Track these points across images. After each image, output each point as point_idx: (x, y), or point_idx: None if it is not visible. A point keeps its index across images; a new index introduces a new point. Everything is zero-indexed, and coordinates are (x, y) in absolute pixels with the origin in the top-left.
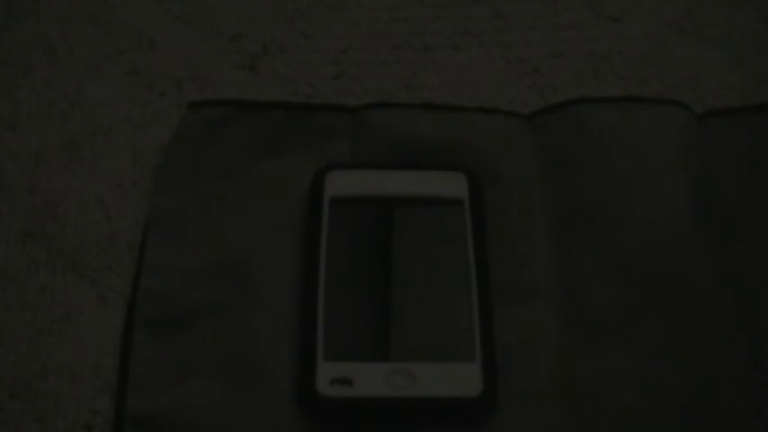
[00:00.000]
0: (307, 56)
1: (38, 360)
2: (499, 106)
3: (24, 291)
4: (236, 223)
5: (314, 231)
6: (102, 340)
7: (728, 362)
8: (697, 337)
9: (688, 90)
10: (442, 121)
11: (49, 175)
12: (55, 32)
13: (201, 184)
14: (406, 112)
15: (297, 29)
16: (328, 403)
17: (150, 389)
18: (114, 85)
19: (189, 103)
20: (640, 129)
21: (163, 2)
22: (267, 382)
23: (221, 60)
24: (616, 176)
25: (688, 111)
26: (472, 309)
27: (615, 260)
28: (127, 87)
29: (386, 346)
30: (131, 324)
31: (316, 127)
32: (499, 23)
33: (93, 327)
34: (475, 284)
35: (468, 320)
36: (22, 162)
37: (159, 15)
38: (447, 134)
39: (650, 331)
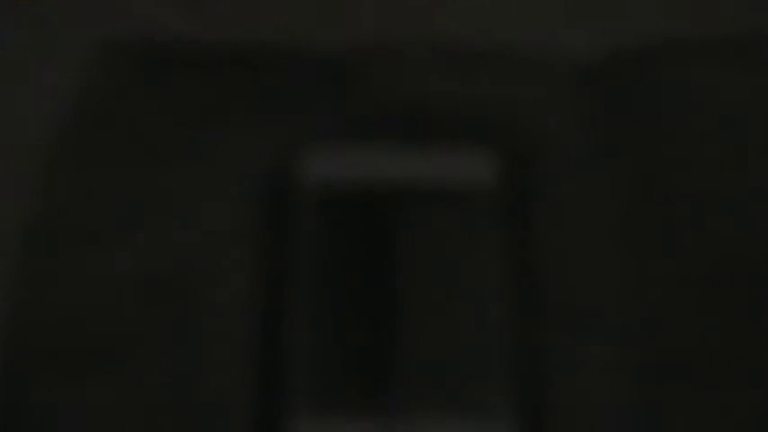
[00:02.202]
0: None
1: None
2: (546, 53)
3: None
4: (172, 223)
5: (284, 235)
6: None
7: None
8: None
9: None
10: (463, 75)
11: None
12: None
13: (116, 169)
14: (413, 64)
15: None
16: None
17: None
18: None
19: (98, 44)
20: (747, 89)
21: None
22: None
23: None
24: (711, 156)
25: None
26: (504, 345)
27: (706, 278)
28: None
29: (384, 396)
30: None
31: (285, 87)
32: None
33: None
34: (509, 311)
35: (498, 362)
36: None
37: None
38: (470, 94)
39: (748, 384)
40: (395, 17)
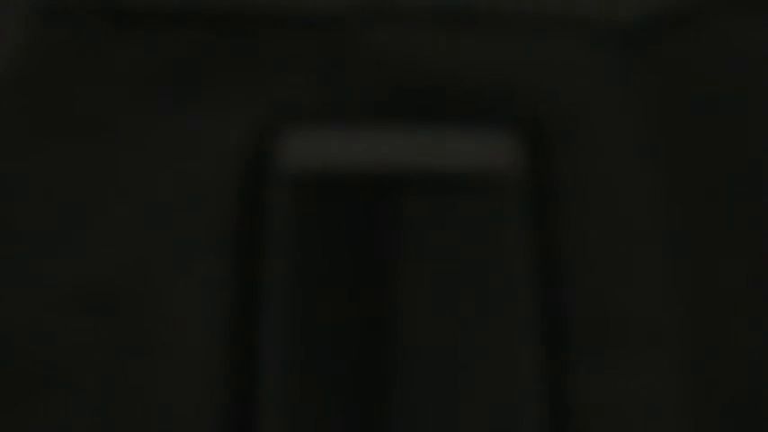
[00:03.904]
0: None
1: None
2: (578, 14)
3: None
4: (119, 221)
5: (258, 232)
6: None
7: None
8: None
9: None
10: (477, 38)
11: None
12: None
13: (51, 152)
14: (416, 25)
15: None
16: None
17: None
18: None
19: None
20: None
21: None
22: None
23: None
24: None
25: None
26: (533, 375)
27: None
28: None
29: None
30: None
31: (262, 56)
32: None
33: None
34: (531, 330)
35: (520, 399)
36: None
37: None
38: (486, 62)
39: None
40: None
